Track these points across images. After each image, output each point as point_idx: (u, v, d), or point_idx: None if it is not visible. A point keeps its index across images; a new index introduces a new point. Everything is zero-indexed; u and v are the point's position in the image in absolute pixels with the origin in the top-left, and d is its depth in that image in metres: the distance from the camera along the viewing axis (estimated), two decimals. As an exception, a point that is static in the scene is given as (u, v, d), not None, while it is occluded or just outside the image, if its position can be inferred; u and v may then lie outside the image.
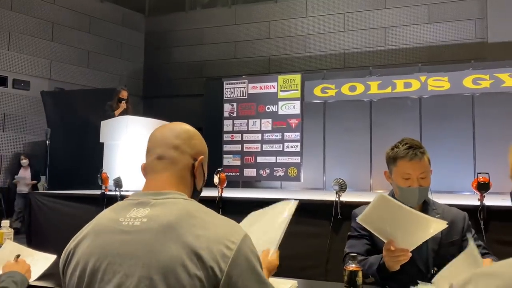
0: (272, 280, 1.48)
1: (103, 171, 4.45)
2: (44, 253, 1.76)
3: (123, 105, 6.01)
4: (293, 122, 8.00)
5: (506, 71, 6.81)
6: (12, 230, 2.10)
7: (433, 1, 8.22)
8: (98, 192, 4.42)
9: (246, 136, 8.24)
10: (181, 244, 0.93)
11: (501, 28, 7.50)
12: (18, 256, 1.72)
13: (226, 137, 8.36)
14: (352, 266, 1.50)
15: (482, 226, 3.09)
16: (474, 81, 6.97)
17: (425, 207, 1.87)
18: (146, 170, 1.14)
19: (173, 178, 1.10)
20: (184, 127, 1.17)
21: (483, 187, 3.22)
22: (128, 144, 5.32)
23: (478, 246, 1.85)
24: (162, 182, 1.09)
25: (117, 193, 4.18)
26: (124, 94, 6.07)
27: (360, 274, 1.49)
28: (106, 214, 1.07)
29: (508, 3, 7.53)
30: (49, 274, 1.66)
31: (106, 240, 0.99)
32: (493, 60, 7.13)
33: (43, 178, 6.93)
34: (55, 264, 1.72)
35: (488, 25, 7.70)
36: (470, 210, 3.27)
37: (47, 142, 6.29)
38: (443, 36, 8.14)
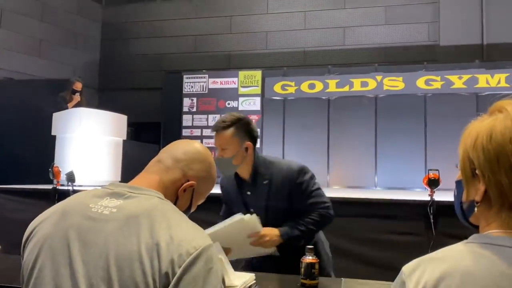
0: (231, 274, 1.47)
1: (54, 165, 4.27)
2: None
3: (77, 97, 5.79)
4: (253, 118, 7.99)
5: (455, 73, 7.16)
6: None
7: (389, 3, 8.47)
8: (49, 186, 4.24)
9: (206, 132, 8.16)
10: (142, 239, 0.91)
11: (452, 31, 7.86)
12: None
13: (185, 132, 8.24)
14: (309, 258, 1.52)
15: (432, 221, 3.24)
16: (426, 82, 7.27)
17: (255, 175, 2.00)
18: None
19: (159, 184, 1.09)
20: (200, 150, 1.21)
21: (433, 183, 3.37)
22: (82, 137, 5.14)
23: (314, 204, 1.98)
24: (147, 181, 1.08)
25: (70, 187, 4.04)
26: (78, 85, 5.84)
27: (317, 266, 1.51)
28: (78, 198, 1.05)
29: (458, 8, 7.89)
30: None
31: (70, 223, 0.97)
32: (444, 63, 7.47)
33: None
34: None
35: (440, 29, 8.04)
36: (421, 205, 3.42)
37: (-6, 134, 5.95)
38: (398, 37, 8.41)
